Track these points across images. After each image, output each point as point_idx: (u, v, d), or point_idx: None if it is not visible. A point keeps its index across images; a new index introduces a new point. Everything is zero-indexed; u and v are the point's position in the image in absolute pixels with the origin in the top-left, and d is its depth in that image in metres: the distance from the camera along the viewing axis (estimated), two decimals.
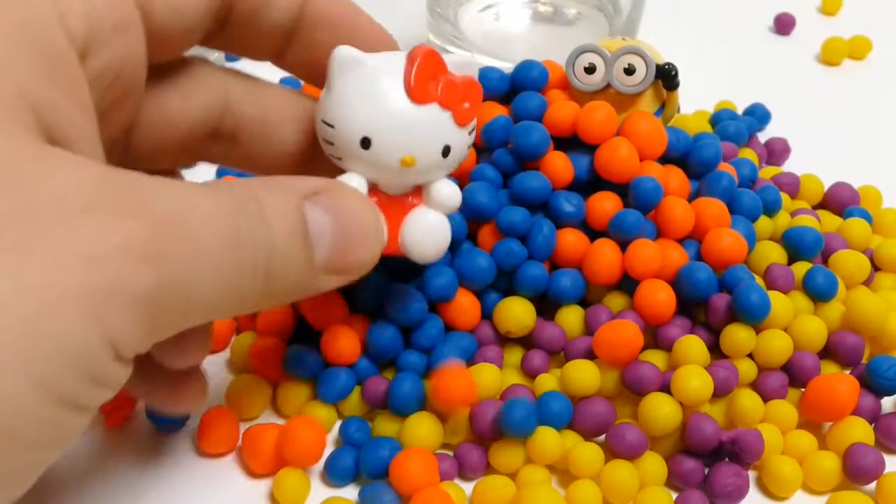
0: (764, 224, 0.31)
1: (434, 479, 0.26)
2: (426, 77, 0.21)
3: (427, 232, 0.22)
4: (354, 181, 0.21)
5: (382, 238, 0.21)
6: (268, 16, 0.22)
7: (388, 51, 0.23)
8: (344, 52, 0.21)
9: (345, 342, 0.27)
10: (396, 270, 0.29)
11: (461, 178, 0.30)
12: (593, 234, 0.29)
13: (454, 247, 0.29)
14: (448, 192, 0.23)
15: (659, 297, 0.28)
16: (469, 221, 0.29)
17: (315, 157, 0.24)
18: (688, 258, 0.29)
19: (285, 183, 0.19)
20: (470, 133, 0.22)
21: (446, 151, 0.21)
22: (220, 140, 0.24)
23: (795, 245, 0.30)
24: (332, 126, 0.21)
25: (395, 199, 0.22)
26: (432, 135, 0.21)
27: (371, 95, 0.21)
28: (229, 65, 0.25)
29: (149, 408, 0.27)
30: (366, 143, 0.21)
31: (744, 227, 0.30)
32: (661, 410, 0.26)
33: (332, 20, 0.23)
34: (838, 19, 0.48)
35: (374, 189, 0.22)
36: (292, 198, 0.19)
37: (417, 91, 0.21)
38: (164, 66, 0.22)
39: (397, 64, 0.21)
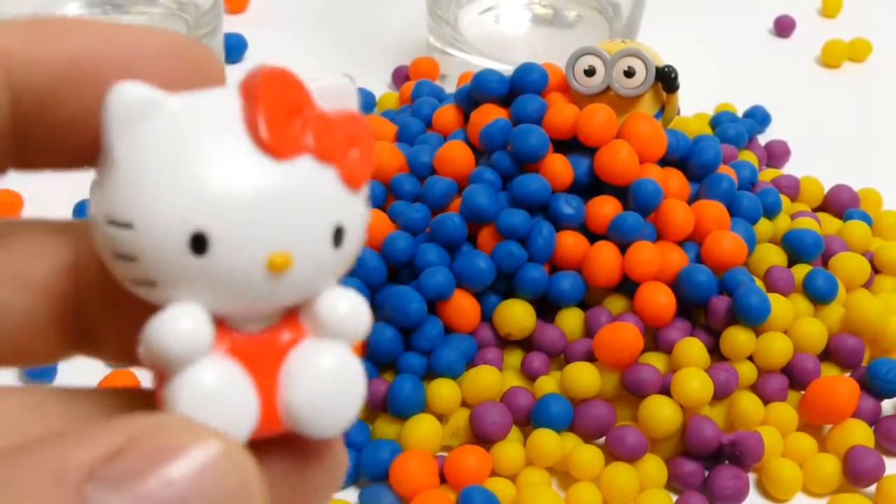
0: (764, 226, 0.31)
1: (434, 481, 0.26)
2: (282, 111, 0.12)
3: (326, 385, 0.12)
4: (186, 323, 0.11)
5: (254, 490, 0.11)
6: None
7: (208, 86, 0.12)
8: (128, 94, 0.11)
9: None
10: (394, 270, 0.29)
11: (460, 181, 0.30)
12: (593, 236, 0.29)
13: (454, 248, 0.29)
14: (347, 309, 0.12)
15: (659, 299, 0.28)
16: (469, 223, 0.29)
17: (86, 330, 0.14)
18: (688, 260, 0.29)
19: (41, 455, 0.10)
20: (366, 202, 0.13)
21: (339, 236, 0.12)
22: None
23: (795, 247, 0.30)
24: (128, 226, 0.11)
25: (259, 340, 0.12)
26: (314, 210, 0.12)
27: (194, 157, 0.11)
28: None
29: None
30: (199, 243, 0.11)
31: (744, 230, 0.30)
32: (662, 413, 0.26)
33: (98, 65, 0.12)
34: (838, 22, 0.48)
35: (221, 329, 0.12)
36: (57, 488, 0.09)
37: (275, 137, 0.12)
38: None
39: (223, 102, 0.12)
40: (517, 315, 0.28)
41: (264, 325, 0.12)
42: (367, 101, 0.40)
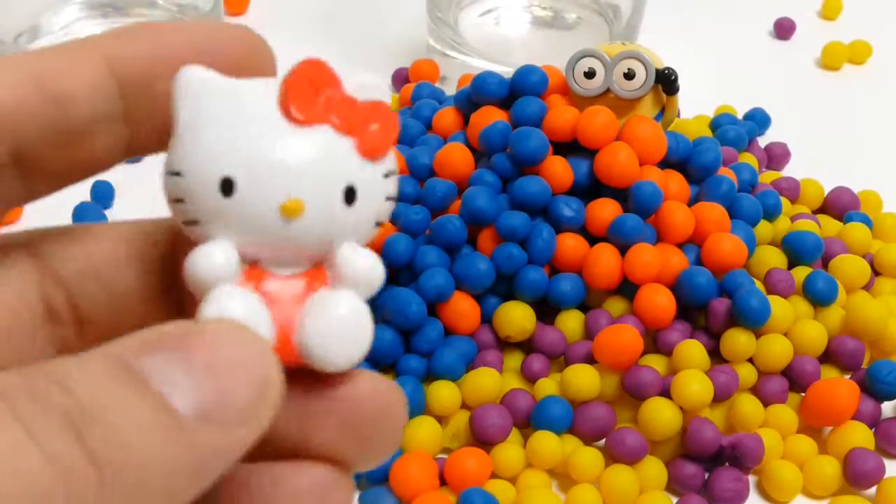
0: (764, 229, 0.31)
1: (434, 483, 0.26)
2: (309, 89, 0.15)
3: (336, 328, 0.14)
4: (217, 254, 0.14)
5: (265, 352, 0.13)
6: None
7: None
8: (191, 74, 0.15)
9: None
10: (394, 272, 0.29)
11: (460, 183, 0.30)
12: (593, 238, 0.29)
13: (454, 250, 0.29)
14: (364, 264, 0.15)
15: (659, 301, 0.28)
16: (469, 225, 0.29)
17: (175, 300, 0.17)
18: (688, 263, 0.29)
19: (102, 351, 0.13)
20: (387, 176, 0.15)
21: (350, 195, 0.15)
22: (57, 326, 0.16)
23: (795, 249, 0.30)
24: (178, 174, 0.14)
25: (284, 281, 0.15)
26: (326, 168, 0.14)
27: (232, 120, 0.14)
28: None
29: None
30: (227, 186, 0.14)
31: (744, 232, 0.30)
32: (662, 415, 0.26)
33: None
34: (838, 24, 0.48)
35: (253, 269, 0.15)
36: (107, 353, 0.13)
37: (298, 105, 0.14)
38: None
39: (266, 85, 0.15)
40: (517, 317, 0.28)
41: (293, 271, 0.15)
42: None
